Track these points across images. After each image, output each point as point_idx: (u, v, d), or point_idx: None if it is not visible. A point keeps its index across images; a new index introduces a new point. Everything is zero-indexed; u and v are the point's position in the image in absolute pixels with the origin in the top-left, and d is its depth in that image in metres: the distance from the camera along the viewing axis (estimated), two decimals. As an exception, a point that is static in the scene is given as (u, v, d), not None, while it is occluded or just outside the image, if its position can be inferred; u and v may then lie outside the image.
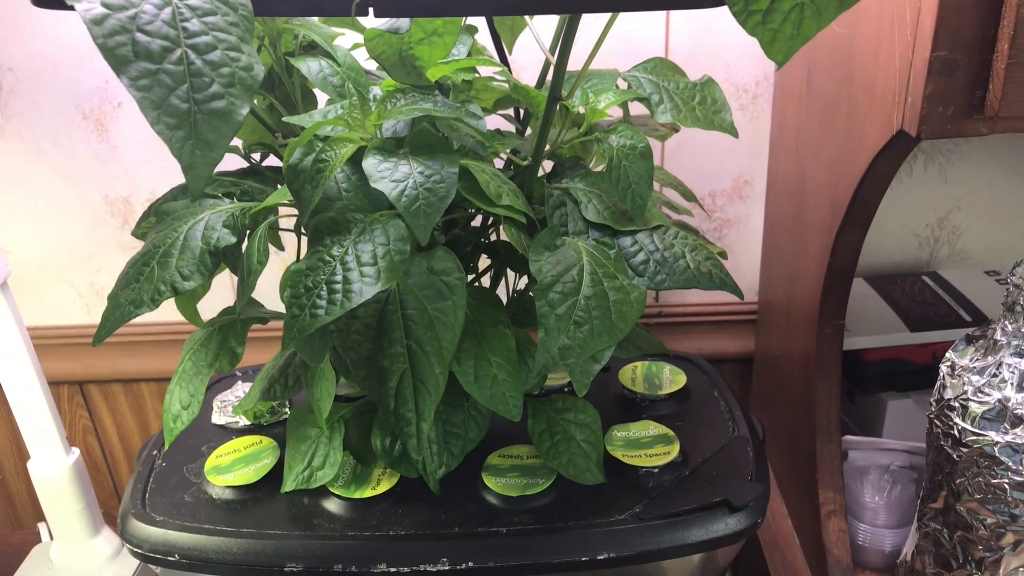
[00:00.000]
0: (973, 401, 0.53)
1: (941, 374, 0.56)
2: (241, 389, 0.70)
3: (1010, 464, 0.51)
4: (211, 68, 0.34)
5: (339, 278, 0.41)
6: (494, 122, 0.67)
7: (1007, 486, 0.52)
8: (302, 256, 0.55)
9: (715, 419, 0.64)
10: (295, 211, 0.46)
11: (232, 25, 0.35)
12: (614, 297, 0.46)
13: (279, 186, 0.54)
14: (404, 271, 0.43)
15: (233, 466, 0.58)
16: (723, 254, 0.56)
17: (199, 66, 0.34)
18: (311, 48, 0.55)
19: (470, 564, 0.50)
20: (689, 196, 0.64)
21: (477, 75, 0.56)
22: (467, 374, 0.49)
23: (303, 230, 0.46)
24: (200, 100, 0.34)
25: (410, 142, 0.46)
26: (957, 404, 0.54)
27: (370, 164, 0.43)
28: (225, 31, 0.35)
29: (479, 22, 0.59)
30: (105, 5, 0.33)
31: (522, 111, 0.61)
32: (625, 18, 0.77)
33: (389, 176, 0.43)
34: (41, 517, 0.80)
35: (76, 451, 0.75)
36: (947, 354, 0.56)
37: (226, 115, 0.34)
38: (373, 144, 0.45)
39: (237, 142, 0.60)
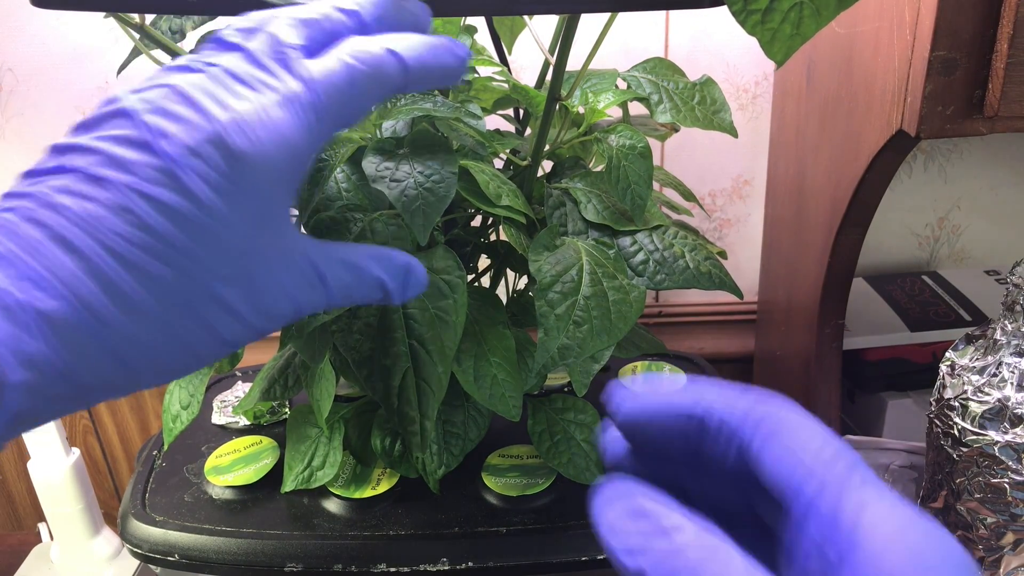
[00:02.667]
0: (973, 401, 0.53)
1: (941, 374, 0.56)
2: (241, 389, 0.70)
3: (1010, 464, 0.51)
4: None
5: None
6: (494, 122, 0.67)
7: (1007, 486, 0.52)
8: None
9: (715, 419, 0.64)
10: (295, 211, 0.46)
11: None
12: (613, 297, 0.46)
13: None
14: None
15: (233, 466, 0.58)
16: (723, 254, 0.56)
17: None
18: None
19: (470, 564, 0.50)
20: (689, 196, 0.64)
21: (477, 75, 0.56)
22: (466, 374, 0.49)
23: (302, 230, 0.46)
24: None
25: (410, 142, 0.46)
26: (957, 404, 0.54)
27: (370, 164, 0.43)
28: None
29: (479, 22, 0.59)
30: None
31: (522, 111, 0.61)
32: (624, 18, 0.77)
33: (389, 176, 0.43)
34: (41, 517, 0.80)
35: (76, 451, 0.75)
36: (947, 354, 0.56)
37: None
38: (372, 145, 0.45)
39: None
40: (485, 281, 0.60)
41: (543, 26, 0.68)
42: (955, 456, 0.54)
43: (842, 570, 0.18)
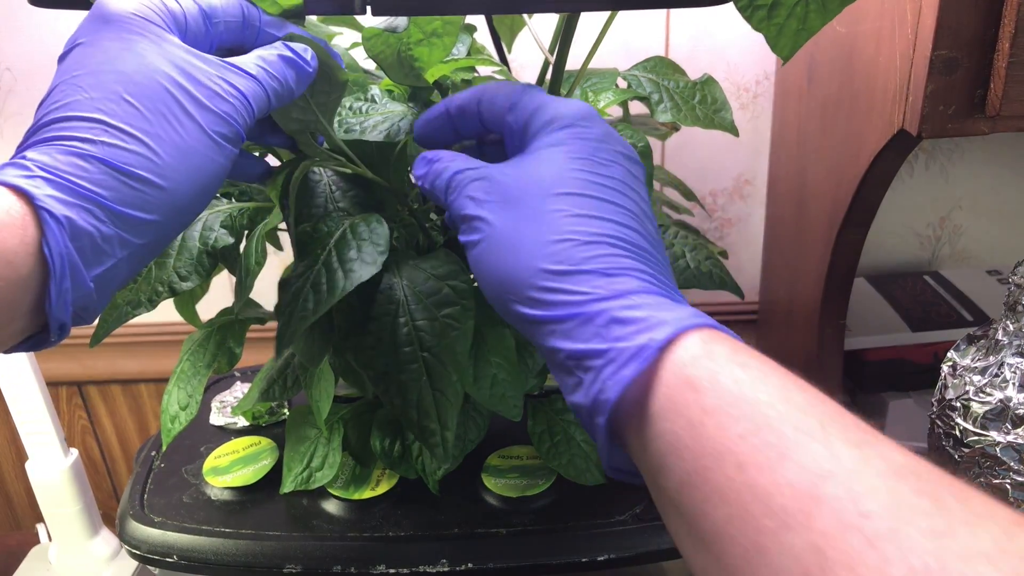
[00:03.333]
0: (975, 401, 0.52)
1: (942, 374, 0.56)
2: (240, 390, 0.69)
3: (1012, 464, 0.51)
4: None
5: (324, 279, 0.41)
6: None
7: (1008, 487, 0.52)
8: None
9: (716, 419, 0.63)
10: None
11: None
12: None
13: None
14: (385, 261, 0.43)
15: (232, 467, 0.58)
16: (724, 254, 0.56)
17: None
18: (310, 47, 0.55)
19: (469, 565, 0.50)
20: (689, 195, 0.63)
21: (476, 74, 0.55)
22: (467, 374, 0.49)
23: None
24: None
25: None
26: (959, 404, 0.53)
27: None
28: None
29: (479, 21, 0.59)
30: None
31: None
32: (625, 17, 0.77)
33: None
34: (39, 518, 0.79)
35: (75, 452, 0.75)
36: (948, 354, 0.56)
37: None
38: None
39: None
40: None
41: (543, 25, 0.68)
42: (957, 457, 0.54)
43: (523, 147, 0.36)
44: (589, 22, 0.49)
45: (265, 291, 0.87)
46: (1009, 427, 0.51)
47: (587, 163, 0.33)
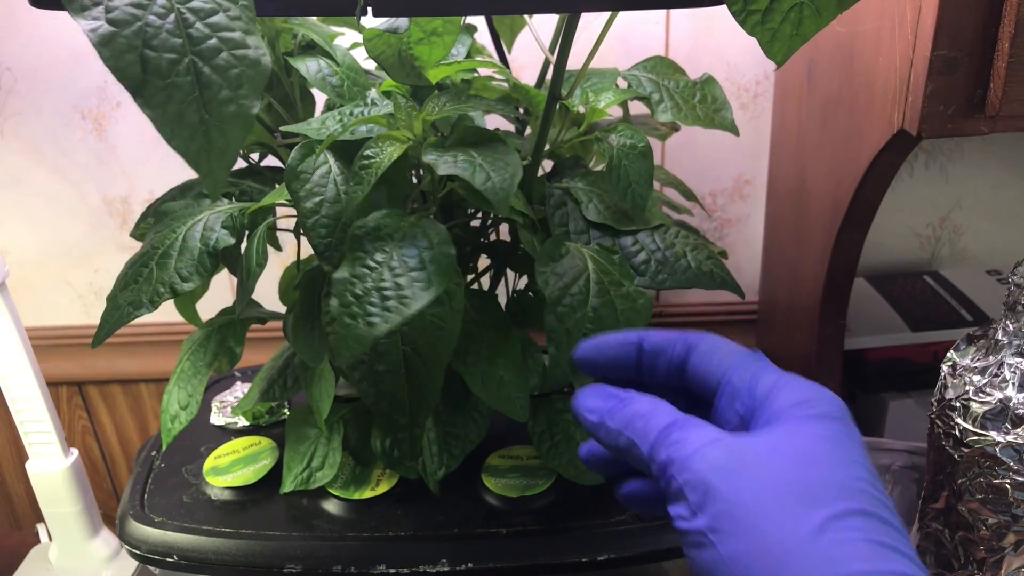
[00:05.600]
0: (974, 401, 0.52)
1: (942, 374, 0.56)
2: (240, 389, 0.69)
3: (1011, 464, 0.51)
4: (219, 74, 0.33)
5: (389, 284, 0.40)
6: (494, 121, 0.67)
7: (1008, 486, 0.52)
8: (302, 257, 0.55)
9: (716, 419, 0.63)
10: (294, 211, 0.46)
11: (235, 20, 0.34)
12: (621, 306, 0.45)
13: (277, 186, 0.54)
14: (453, 276, 0.42)
15: (232, 467, 0.58)
16: (724, 254, 0.56)
17: (207, 74, 0.33)
18: (310, 48, 0.55)
19: (470, 565, 0.50)
20: (689, 195, 0.63)
21: (476, 74, 0.55)
22: (474, 376, 0.49)
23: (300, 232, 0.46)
24: (212, 108, 0.33)
25: (457, 140, 0.45)
26: (958, 404, 0.53)
27: (432, 158, 0.42)
28: (228, 29, 0.34)
29: (478, 21, 0.59)
30: (111, 22, 0.33)
31: (522, 110, 0.61)
32: (625, 17, 0.77)
33: (452, 163, 0.41)
34: (40, 518, 0.79)
35: (75, 452, 0.75)
36: (948, 354, 0.56)
37: (238, 118, 0.34)
38: (429, 142, 0.44)
39: (236, 142, 0.60)
40: (484, 281, 0.60)
41: (543, 25, 0.68)
42: (956, 457, 0.54)
43: (752, 417, 0.29)
44: (589, 21, 0.49)
45: (265, 291, 0.87)
46: (1009, 427, 0.51)
47: (852, 466, 0.26)
